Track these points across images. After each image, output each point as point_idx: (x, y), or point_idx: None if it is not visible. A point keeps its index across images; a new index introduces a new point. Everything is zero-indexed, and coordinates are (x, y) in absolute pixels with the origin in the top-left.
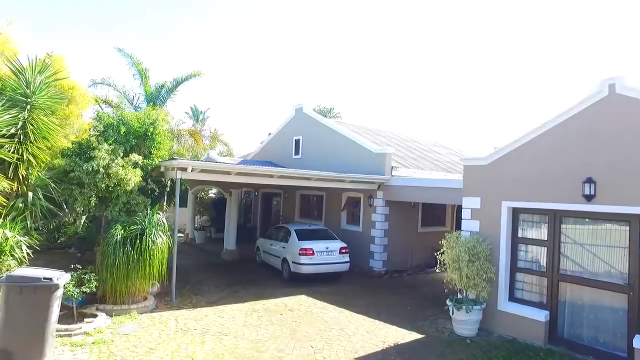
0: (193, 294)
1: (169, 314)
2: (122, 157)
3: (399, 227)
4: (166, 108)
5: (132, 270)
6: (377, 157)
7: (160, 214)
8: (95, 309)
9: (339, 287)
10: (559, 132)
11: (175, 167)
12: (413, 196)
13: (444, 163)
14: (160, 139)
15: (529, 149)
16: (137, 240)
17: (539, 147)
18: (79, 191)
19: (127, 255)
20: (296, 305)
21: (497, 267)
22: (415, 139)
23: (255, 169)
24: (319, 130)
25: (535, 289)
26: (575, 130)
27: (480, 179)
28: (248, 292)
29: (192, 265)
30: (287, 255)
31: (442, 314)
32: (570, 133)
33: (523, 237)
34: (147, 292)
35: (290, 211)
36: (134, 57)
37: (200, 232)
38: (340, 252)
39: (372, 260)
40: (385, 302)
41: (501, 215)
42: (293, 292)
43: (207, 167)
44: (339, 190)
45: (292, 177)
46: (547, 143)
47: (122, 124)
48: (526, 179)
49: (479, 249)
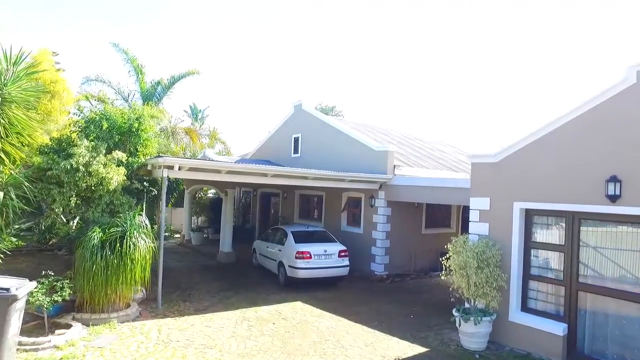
0: (182, 300)
1: (153, 323)
2: (104, 154)
3: (401, 229)
4: (162, 106)
5: (112, 276)
6: (378, 155)
7: (143, 215)
8: (72, 319)
9: (337, 293)
10: (578, 125)
11: (162, 165)
12: (417, 196)
13: (450, 162)
14: (147, 135)
15: (544, 144)
16: (117, 244)
17: (555, 142)
18: (57, 191)
19: (106, 260)
20: (291, 313)
21: (508, 274)
22: (419, 137)
23: (247, 168)
24: (318, 127)
25: (551, 299)
26: (597, 123)
27: (489, 178)
28: (241, 298)
29: (185, 269)
30: (283, 259)
31: (447, 323)
32: (592, 126)
33: (537, 241)
34: (130, 299)
35: (290, 212)
36: (130, 53)
37: (196, 234)
38: (339, 256)
39: (373, 264)
40: (386, 309)
41: (513, 218)
42: (288, 298)
43: (195, 165)
44: (338, 190)
45: (287, 176)
46: (564, 137)
47: (104, 119)
48: (541, 178)
49: (488, 255)
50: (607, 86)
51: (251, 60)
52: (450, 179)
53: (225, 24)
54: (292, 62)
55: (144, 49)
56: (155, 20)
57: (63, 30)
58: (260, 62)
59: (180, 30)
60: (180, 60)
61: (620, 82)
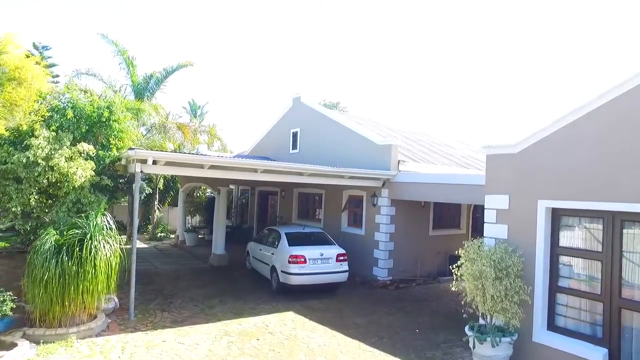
0: (160, 310)
1: (119, 338)
2: (69, 146)
3: (406, 230)
4: (156, 100)
5: (70, 285)
6: (381, 150)
7: (107, 215)
8: (22, 335)
9: (334, 301)
10: (621, 107)
11: (134, 159)
12: (424, 194)
13: (459, 158)
14: (122, 127)
15: (577, 129)
16: (76, 248)
17: (591, 128)
18: (15, 187)
19: (62, 267)
20: (279, 326)
21: (532, 286)
22: (426, 132)
23: (233, 162)
24: (318, 122)
25: (586, 317)
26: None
27: (508, 172)
28: (226, 307)
29: (173, 272)
30: (276, 263)
31: (458, 340)
32: (638, 107)
33: (566, 246)
34: (97, 310)
35: (288, 211)
36: (120, 44)
37: (191, 234)
38: (338, 260)
39: (375, 268)
40: (388, 321)
41: (537, 219)
42: (279, 308)
43: (173, 159)
44: (339, 188)
45: (279, 172)
46: (603, 122)
47: (69, 107)
48: (572, 171)
49: (508, 263)
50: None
51: (254, 57)
52: (462, 174)
53: (228, 20)
54: (295, 58)
55: (143, 47)
56: (151, 13)
57: (55, 23)
58: (263, 58)
59: (180, 27)
60: (180, 58)
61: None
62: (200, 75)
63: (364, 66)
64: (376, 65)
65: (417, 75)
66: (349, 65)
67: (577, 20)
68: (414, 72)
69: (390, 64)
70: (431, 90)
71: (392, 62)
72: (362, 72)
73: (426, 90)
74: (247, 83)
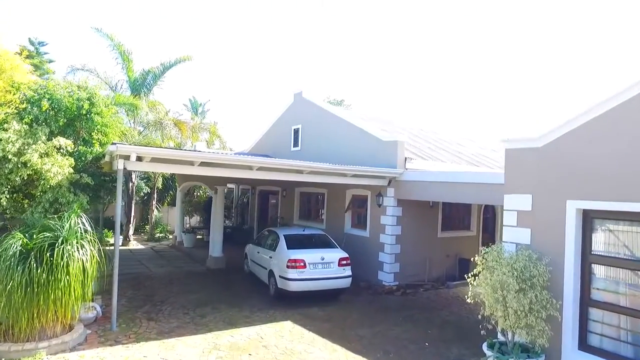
0: (146, 319)
1: (95, 353)
2: (44, 141)
3: (414, 232)
4: (153, 97)
5: (39, 295)
6: (387, 147)
7: (83, 216)
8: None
9: (336, 309)
10: None
11: (116, 155)
12: (433, 194)
13: (469, 156)
14: (105, 121)
15: (615, 118)
16: (46, 254)
17: (634, 115)
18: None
19: (30, 275)
20: (275, 338)
21: (560, 299)
22: (433, 130)
23: (226, 159)
24: (320, 118)
25: (626, 336)
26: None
27: (531, 169)
28: (218, 316)
29: (167, 276)
30: (274, 267)
31: (473, 356)
32: None
33: (602, 254)
34: (75, 320)
35: (289, 211)
36: (115, 38)
37: (189, 235)
38: (340, 264)
39: (381, 272)
40: (394, 333)
41: (566, 221)
42: (277, 317)
43: (159, 155)
44: (342, 187)
45: (277, 170)
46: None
47: (45, 97)
48: (607, 167)
49: (533, 272)
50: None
51: (256, 55)
52: (476, 172)
53: (230, 17)
54: (298, 54)
55: (144, 47)
56: (151, 11)
57: (52, 19)
58: (266, 56)
59: (180, 25)
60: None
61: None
62: (201, 73)
63: (369, 63)
64: (381, 62)
65: (423, 72)
66: (353, 62)
67: (588, 18)
68: (419, 69)
69: (396, 61)
70: (437, 88)
71: (398, 59)
72: (367, 69)
73: (432, 88)
74: (249, 81)
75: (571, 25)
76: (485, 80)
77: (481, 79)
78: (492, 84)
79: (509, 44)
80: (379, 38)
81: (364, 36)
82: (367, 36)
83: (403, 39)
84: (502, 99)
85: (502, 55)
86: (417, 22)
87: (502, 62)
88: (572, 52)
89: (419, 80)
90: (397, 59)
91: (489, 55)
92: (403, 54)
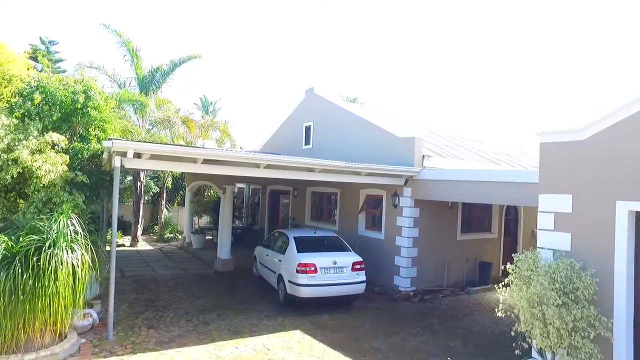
0: (146, 326)
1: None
2: (37, 136)
3: (432, 234)
4: (162, 94)
5: (25, 303)
6: (403, 144)
7: (74, 217)
8: None
9: (349, 317)
10: None
11: (112, 152)
12: (454, 194)
13: (489, 153)
14: (103, 115)
15: None
16: (33, 258)
17: None
18: None
19: (15, 282)
20: (282, 350)
21: (610, 315)
22: (451, 127)
23: (231, 156)
24: (332, 114)
25: None
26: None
27: (572, 165)
28: (223, 324)
29: (172, 279)
30: (283, 272)
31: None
32: None
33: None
34: (66, 329)
35: (301, 212)
36: (124, 35)
37: (198, 236)
38: (354, 269)
39: (397, 277)
40: (413, 344)
41: (616, 226)
42: (285, 326)
43: (159, 151)
44: (356, 186)
45: (286, 168)
46: None
47: (37, 90)
48: None
49: (577, 284)
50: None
51: (268, 54)
52: (505, 170)
53: (241, 15)
54: (310, 51)
55: (154, 46)
56: (162, 9)
57: (63, 19)
58: (278, 54)
59: (190, 24)
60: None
61: None
62: (212, 72)
63: (383, 60)
64: (396, 59)
65: (438, 69)
66: (368, 59)
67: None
68: (435, 67)
69: (411, 58)
70: (453, 85)
71: (413, 56)
72: (382, 67)
73: (448, 85)
74: (260, 80)
75: (602, 21)
76: (498, 77)
77: (493, 76)
78: (500, 82)
79: (511, 43)
80: (392, 35)
81: (377, 34)
82: (380, 34)
83: (416, 37)
84: (517, 96)
85: (506, 54)
86: (431, 20)
87: (503, 61)
88: (599, 47)
89: (433, 79)
90: (410, 56)
91: (493, 55)
92: (417, 51)
